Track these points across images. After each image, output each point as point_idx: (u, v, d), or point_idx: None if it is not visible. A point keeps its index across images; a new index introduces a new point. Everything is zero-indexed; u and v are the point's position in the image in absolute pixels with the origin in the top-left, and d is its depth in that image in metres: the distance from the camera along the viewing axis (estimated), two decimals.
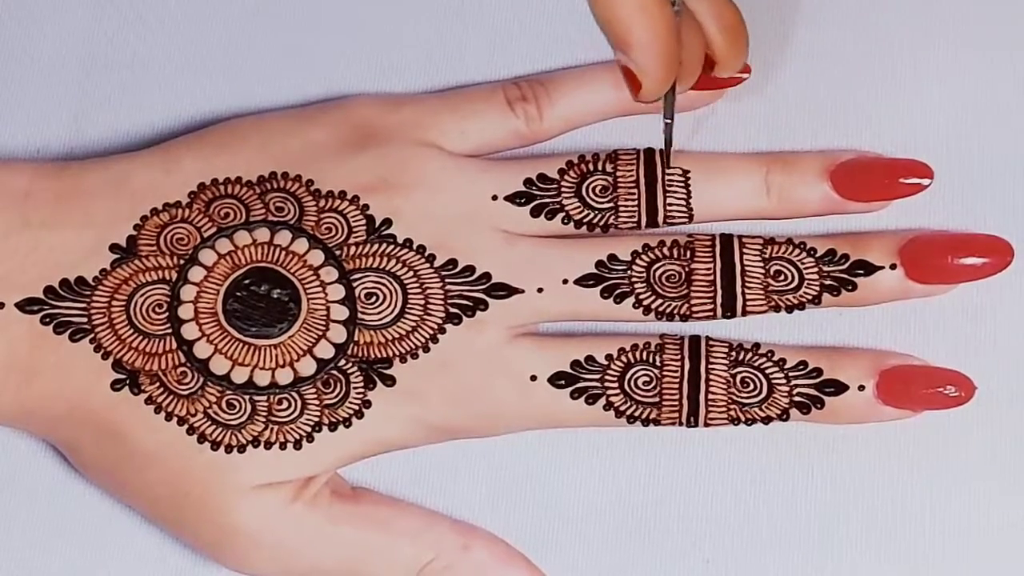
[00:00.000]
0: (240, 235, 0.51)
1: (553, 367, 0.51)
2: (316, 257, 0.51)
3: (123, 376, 0.50)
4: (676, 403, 0.51)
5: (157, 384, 0.50)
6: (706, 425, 0.51)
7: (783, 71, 0.55)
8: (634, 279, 0.52)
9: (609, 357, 0.51)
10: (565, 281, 0.52)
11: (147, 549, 0.52)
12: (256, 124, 0.53)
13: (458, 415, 0.51)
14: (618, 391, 0.51)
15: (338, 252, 0.51)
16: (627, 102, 0.54)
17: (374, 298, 0.51)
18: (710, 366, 0.51)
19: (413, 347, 0.51)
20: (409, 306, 0.51)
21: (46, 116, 0.55)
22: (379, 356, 0.51)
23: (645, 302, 0.52)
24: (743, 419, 0.51)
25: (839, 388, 0.51)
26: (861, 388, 0.51)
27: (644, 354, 0.51)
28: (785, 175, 0.53)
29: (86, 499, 0.52)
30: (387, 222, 0.52)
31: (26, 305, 0.50)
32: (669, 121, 0.52)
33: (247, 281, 0.51)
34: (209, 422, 0.50)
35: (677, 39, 0.48)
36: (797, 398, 0.51)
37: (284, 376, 0.51)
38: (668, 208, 0.53)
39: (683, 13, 0.49)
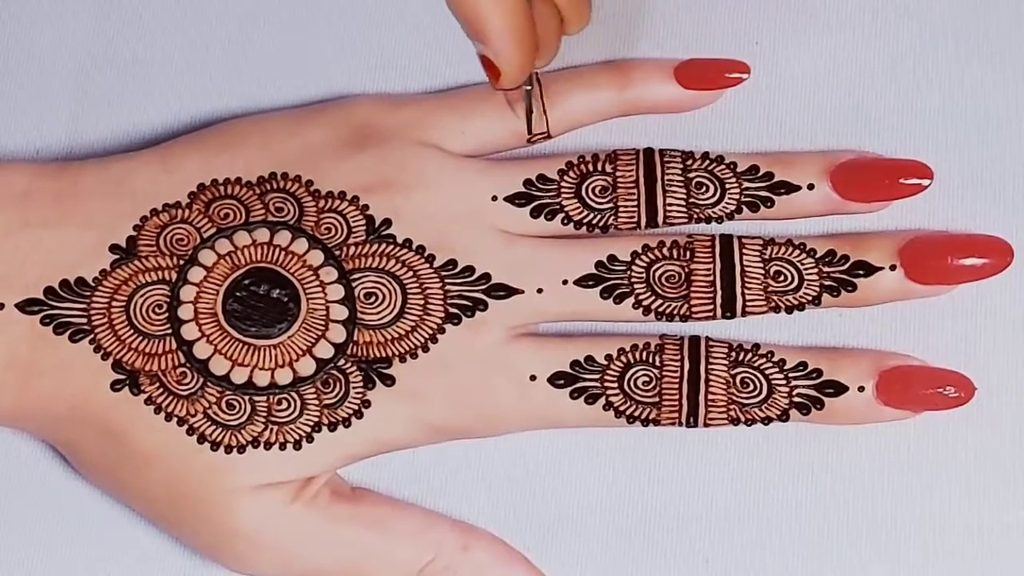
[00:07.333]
0: (240, 235, 0.51)
1: (553, 367, 0.51)
2: (316, 257, 0.51)
3: (123, 376, 0.50)
4: (676, 403, 0.51)
5: (157, 384, 0.50)
6: (706, 425, 0.51)
7: (784, 72, 0.55)
8: (634, 279, 0.52)
9: (609, 357, 0.51)
10: (565, 281, 0.51)
11: (147, 549, 0.52)
12: (256, 124, 0.53)
13: (458, 415, 0.51)
14: (618, 391, 0.51)
15: (338, 252, 0.51)
16: (627, 102, 0.54)
17: (374, 298, 0.51)
18: (710, 366, 0.51)
19: (412, 347, 0.51)
20: (409, 306, 0.51)
21: (45, 116, 0.55)
22: (379, 356, 0.51)
23: (645, 302, 0.52)
24: (743, 419, 0.51)
25: (839, 389, 0.51)
26: (861, 389, 0.51)
27: (644, 354, 0.51)
28: (785, 175, 0.53)
29: (86, 499, 0.52)
30: (387, 222, 0.52)
31: (26, 306, 0.50)
32: (531, 112, 0.52)
33: (247, 281, 0.51)
34: (209, 422, 0.50)
35: (531, 21, 0.48)
36: (797, 399, 0.51)
37: (283, 376, 0.51)
38: (668, 208, 0.53)
39: None
